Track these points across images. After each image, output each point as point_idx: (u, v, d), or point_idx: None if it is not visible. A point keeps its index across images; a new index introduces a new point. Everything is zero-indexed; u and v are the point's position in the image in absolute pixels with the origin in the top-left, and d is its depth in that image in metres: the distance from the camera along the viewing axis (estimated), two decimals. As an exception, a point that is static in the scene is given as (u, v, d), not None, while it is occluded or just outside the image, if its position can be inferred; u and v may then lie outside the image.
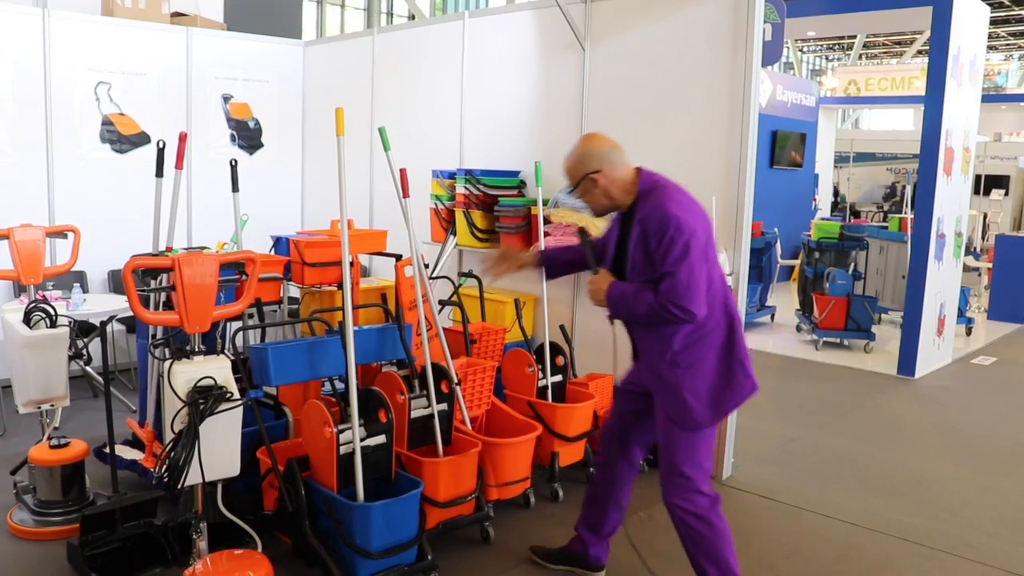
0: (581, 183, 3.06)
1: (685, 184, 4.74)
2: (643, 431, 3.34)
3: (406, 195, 3.82)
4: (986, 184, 16.70)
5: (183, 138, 4.11)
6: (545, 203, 5.11)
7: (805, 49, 30.91)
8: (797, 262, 10.79)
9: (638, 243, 2.93)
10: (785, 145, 12.95)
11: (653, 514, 4.17)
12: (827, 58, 33.08)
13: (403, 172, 3.85)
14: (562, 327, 4.94)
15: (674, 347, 2.94)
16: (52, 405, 3.98)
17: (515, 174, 5.61)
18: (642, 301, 2.89)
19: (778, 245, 10.00)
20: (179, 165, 4.06)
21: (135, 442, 4.37)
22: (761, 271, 9.41)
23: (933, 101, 7.01)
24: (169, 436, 2.90)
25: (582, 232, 3.24)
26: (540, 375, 4.51)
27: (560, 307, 5.37)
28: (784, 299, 10.79)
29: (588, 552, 3.53)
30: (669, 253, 2.83)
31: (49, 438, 3.96)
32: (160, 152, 3.97)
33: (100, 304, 5.47)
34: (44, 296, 4.27)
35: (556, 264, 3.45)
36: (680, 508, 3.04)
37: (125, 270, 2.89)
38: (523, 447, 4.05)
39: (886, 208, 19.81)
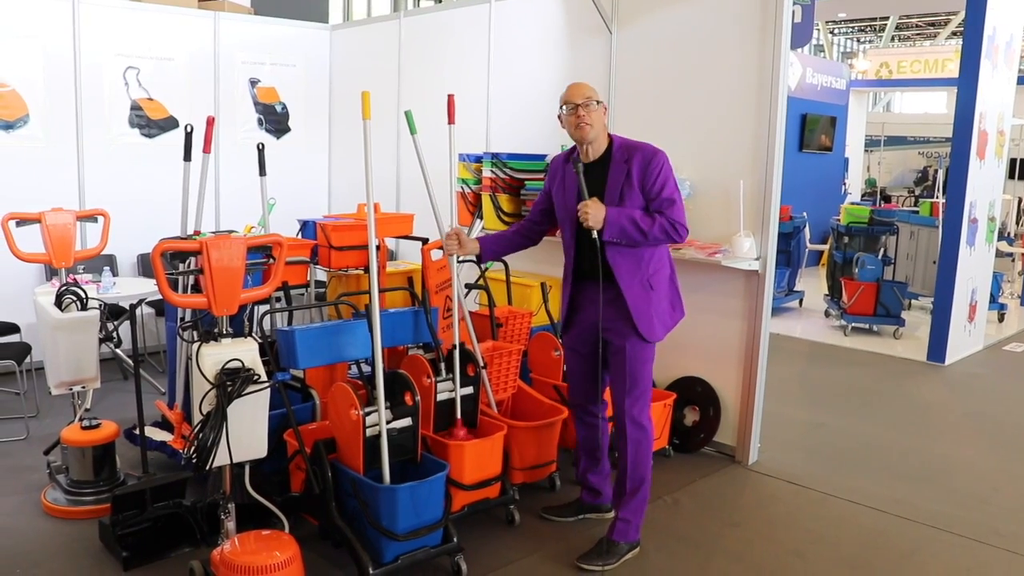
0: (600, 103, 3.42)
1: (713, 167, 4.74)
2: (602, 380, 3.69)
3: (451, 121, 3.91)
4: (1021, 168, 16.45)
5: (211, 122, 4.14)
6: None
7: (836, 31, 30.53)
8: (826, 247, 10.70)
9: (631, 179, 3.36)
10: (815, 128, 12.82)
11: (679, 498, 4.17)
12: (859, 40, 32.66)
13: (451, 98, 3.93)
14: None
15: (649, 270, 3.43)
16: (83, 387, 4.04)
17: (541, 157, 5.55)
18: (652, 222, 3.32)
19: (807, 229, 9.92)
20: (207, 149, 4.09)
21: (164, 424, 4.43)
22: (789, 256, 9.34)
23: (966, 83, 6.90)
24: (198, 418, 2.94)
25: (576, 162, 3.46)
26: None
27: None
28: (812, 284, 10.71)
29: (598, 497, 3.89)
30: (668, 183, 3.35)
31: (81, 419, 4.03)
32: (188, 136, 4.00)
33: (130, 287, 5.53)
34: (75, 279, 4.33)
35: (493, 250, 3.83)
36: (636, 421, 3.49)
37: (154, 253, 2.92)
38: (549, 430, 4.06)
39: (917, 192, 19.58)
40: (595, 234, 3.33)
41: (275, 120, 7.32)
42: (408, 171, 6.82)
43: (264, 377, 3.03)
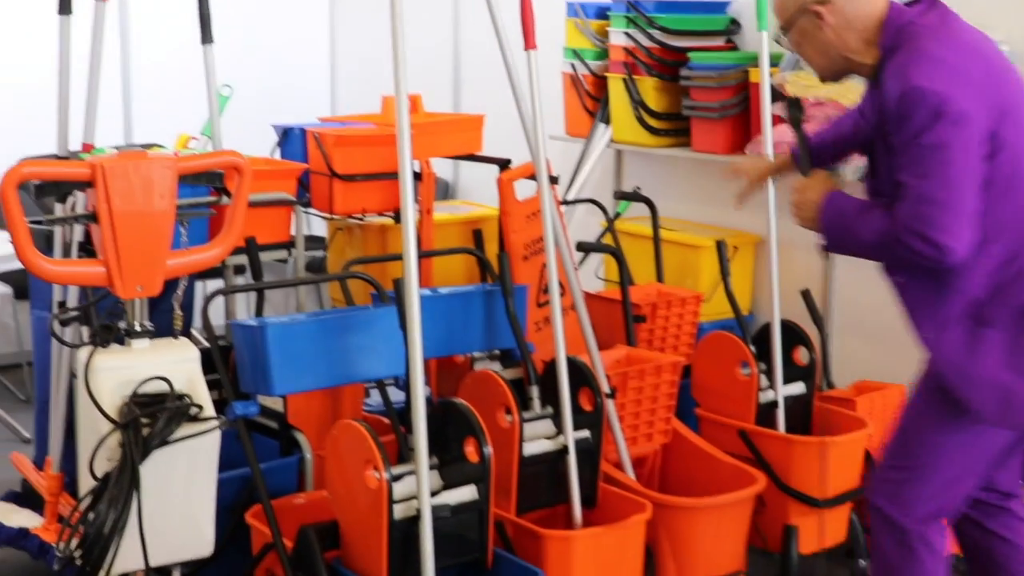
0: (797, 22, 3.34)
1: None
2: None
3: (529, 44, 3.85)
4: None
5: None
6: (776, 61, 5.03)
7: None
8: None
9: (885, 132, 3.27)
10: None
11: None
12: None
13: (526, 2, 3.85)
14: (806, 293, 4.90)
15: (973, 293, 3.23)
16: None
17: (720, 8, 5.65)
18: (868, 225, 3.26)
19: None
20: (102, -9, 4.11)
21: (27, 495, 4.49)
22: None
23: None
24: (88, 484, 2.96)
25: (792, 105, 3.58)
26: (763, 382, 4.49)
27: (803, 255, 5.31)
28: None
29: None
30: (912, 151, 3.15)
31: None
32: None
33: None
34: None
35: (826, 153, 3.77)
36: (882, 513, 3.43)
37: (4, 185, 2.93)
38: (731, 514, 4.06)
39: None
40: (819, 240, 3.47)
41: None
42: (472, 38, 6.92)
43: (210, 410, 3.07)
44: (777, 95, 3.54)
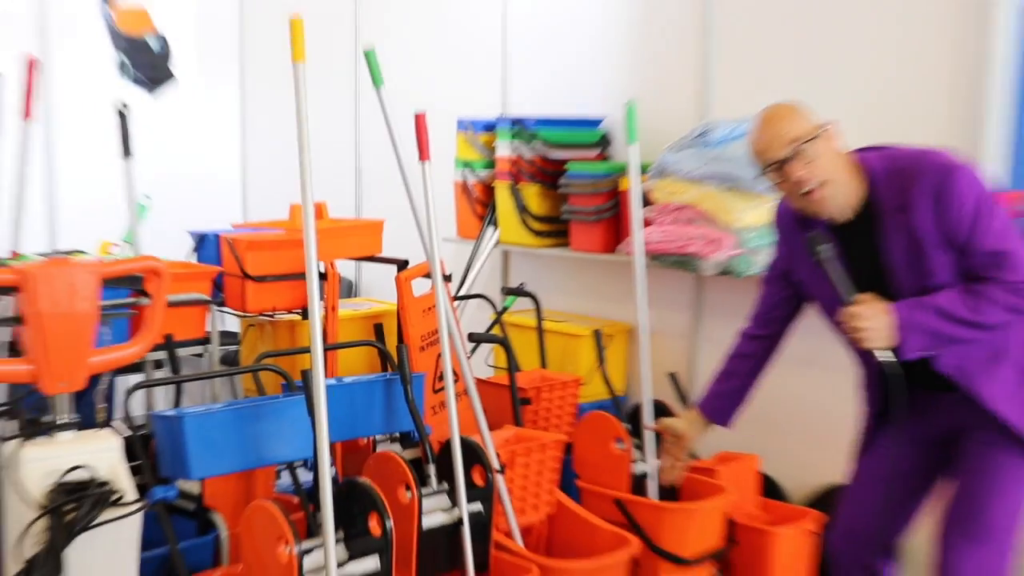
0: (815, 139, 3.28)
1: (885, 133, 4.67)
2: (907, 522, 3.66)
3: (424, 156, 3.92)
4: None
5: (32, 67, 4.21)
6: (644, 170, 5.00)
7: None
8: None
9: (922, 238, 3.23)
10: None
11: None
12: None
13: (420, 120, 3.94)
14: (673, 376, 5.01)
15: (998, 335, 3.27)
16: None
17: (594, 124, 5.71)
18: (980, 301, 3.16)
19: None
20: (27, 113, 4.15)
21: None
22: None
23: None
24: (15, 568, 2.95)
25: (815, 241, 3.40)
26: (636, 455, 4.60)
27: (670, 342, 5.48)
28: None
29: None
30: (990, 222, 3.18)
31: None
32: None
33: None
34: None
35: (727, 406, 3.97)
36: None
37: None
38: (609, 575, 4.16)
39: None
40: (887, 356, 3.30)
41: (147, 63, 7.42)
42: (374, 150, 6.95)
43: (131, 495, 3.09)
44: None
